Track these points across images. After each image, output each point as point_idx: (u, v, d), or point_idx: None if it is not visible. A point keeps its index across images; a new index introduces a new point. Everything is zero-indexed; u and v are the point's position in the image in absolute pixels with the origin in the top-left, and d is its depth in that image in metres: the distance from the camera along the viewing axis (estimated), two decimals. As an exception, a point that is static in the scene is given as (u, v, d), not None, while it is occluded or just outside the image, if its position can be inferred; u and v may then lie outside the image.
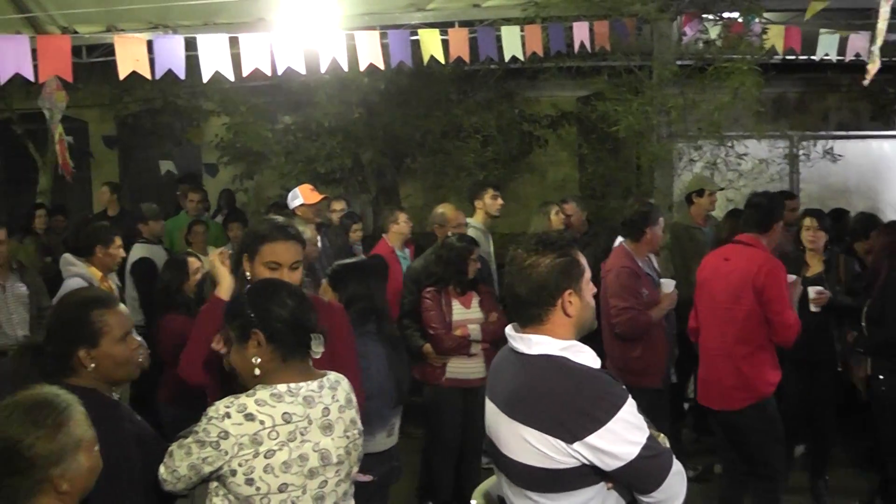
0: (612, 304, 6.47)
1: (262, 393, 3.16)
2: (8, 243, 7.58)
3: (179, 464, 3.18)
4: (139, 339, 3.45)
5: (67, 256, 6.92)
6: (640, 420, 3.00)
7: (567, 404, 2.96)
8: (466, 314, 6.75)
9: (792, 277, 6.11)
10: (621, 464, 2.94)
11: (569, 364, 3.06)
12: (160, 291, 6.68)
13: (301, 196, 8.31)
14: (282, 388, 3.18)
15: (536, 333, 3.13)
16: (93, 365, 3.23)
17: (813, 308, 6.86)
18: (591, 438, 2.91)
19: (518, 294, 3.14)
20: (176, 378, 5.68)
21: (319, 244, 7.97)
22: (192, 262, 6.73)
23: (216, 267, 4.12)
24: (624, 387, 3.08)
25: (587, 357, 3.10)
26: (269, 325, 3.23)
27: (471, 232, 7.74)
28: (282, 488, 3.10)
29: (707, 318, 6.20)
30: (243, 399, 3.14)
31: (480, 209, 8.37)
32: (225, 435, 3.07)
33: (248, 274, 4.00)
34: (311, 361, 3.34)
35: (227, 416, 3.09)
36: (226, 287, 4.07)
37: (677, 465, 3.05)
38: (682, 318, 7.89)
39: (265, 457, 3.08)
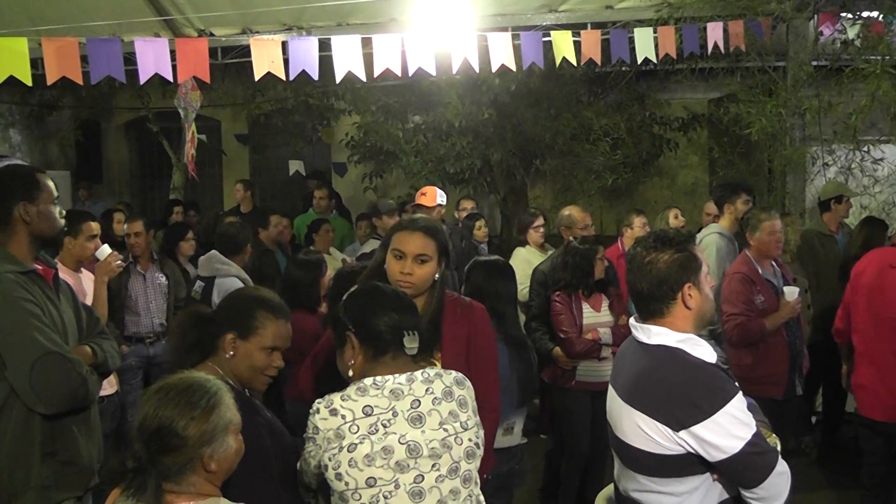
0: (722, 311, 6.35)
1: (350, 389, 3.23)
2: (146, 235, 7.81)
3: (302, 457, 3.33)
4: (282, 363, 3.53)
5: (217, 255, 7.10)
6: (748, 417, 3.10)
7: (677, 393, 3.09)
8: (597, 317, 6.70)
9: None
10: (724, 456, 3.04)
11: (684, 356, 3.18)
12: (288, 289, 6.78)
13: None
14: (367, 381, 3.23)
15: (657, 325, 3.25)
16: (231, 353, 3.36)
17: None
18: (697, 428, 3.03)
19: (640, 290, 3.27)
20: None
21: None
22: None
23: None
24: (736, 384, 3.17)
25: (703, 351, 3.20)
26: (361, 326, 3.30)
27: (715, 239, 7.43)
28: (370, 482, 3.12)
29: (869, 325, 5.99)
30: (333, 395, 3.22)
31: (730, 214, 7.69)
32: (316, 430, 3.18)
33: (385, 266, 4.03)
34: (408, 357, 3.34)
35: (318, 411, 3.19)
36: None
37: (782, 466, 3.13)
38: (816, 329, 7.72)
39: (348, 451, 3.12)
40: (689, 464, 3.12)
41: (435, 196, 8.89)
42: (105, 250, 6.50)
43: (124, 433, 6.69)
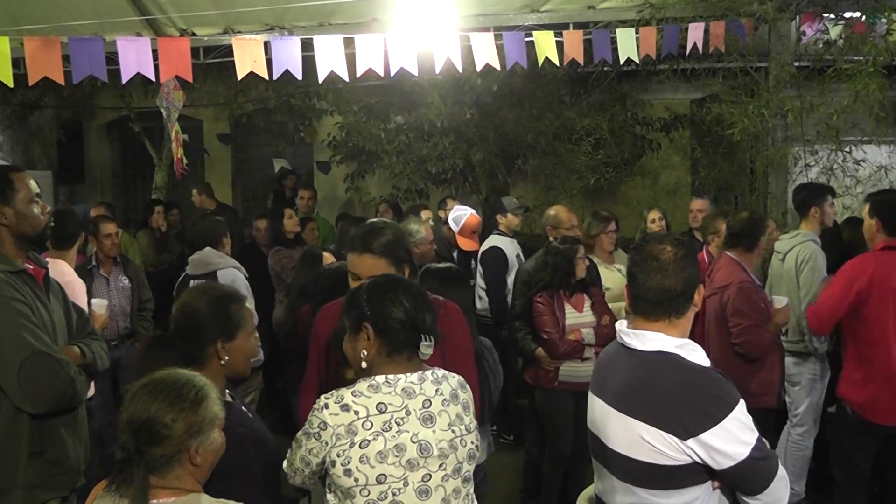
0: (734, 323, 6.11)
1: (361, 385, 3.24)
2: (117, 237, 7.83)
3: (293, 456, 3.31)
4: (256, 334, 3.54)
5: (212, 251, 7.22)
6: (751, 420, 3.02)
7: (683, 401, 3.00)
8: (579, 318, 6.70)
9: None
10: (732, 463, 2.97)
11: (683, 362, 3.09)
12: (294, 283, 6.84)
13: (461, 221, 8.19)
14: (380, 379, 3.24)
15: (651, 330, 3.16)
16: (227, 357, 3.37)
17: None
18: (706, 436, 2.95)
19: (672, 288, 3.14)
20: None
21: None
22: (328, 256, 6.86)
23: None
24: (734, 387, 3.09)
25: (699, 356, 3.14)
26: (381, 321, 3.27)
27: (815, 248, 6.98)
28: (380, 479, 3.13)
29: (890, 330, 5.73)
30: (342, 391, 3.22)
31: (815, 217, 7.23)
32: (324, 426, 3.16)
33: None
34: (419, 359, 3.37)
35: (326, 406, 3.19)
36: None
37: (782, 471, 3.07)
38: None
39: (360, 447, 3.12)
40: (693, 473, 3.04)
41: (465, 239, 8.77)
42: (102, 303, 6.48)
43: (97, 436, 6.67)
